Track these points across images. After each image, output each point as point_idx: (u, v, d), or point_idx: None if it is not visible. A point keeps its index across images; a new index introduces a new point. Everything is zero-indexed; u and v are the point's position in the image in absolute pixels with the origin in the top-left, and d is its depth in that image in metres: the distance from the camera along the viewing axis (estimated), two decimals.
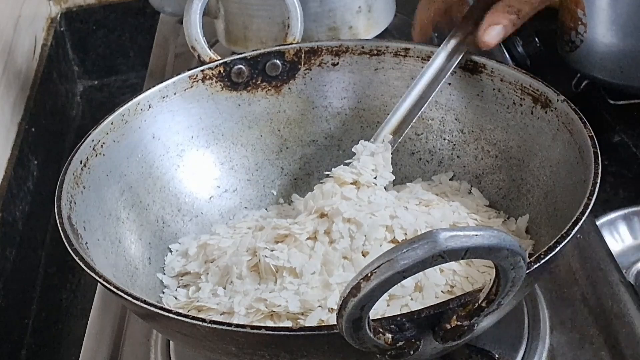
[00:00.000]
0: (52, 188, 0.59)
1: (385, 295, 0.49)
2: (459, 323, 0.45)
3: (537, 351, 0.61)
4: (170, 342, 0.65)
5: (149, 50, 1.16)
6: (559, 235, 0.50)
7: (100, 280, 0.51)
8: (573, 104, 0.61)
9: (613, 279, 0.66)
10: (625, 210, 0.86)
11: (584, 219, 0.51)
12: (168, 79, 0.71)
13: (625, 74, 0.96)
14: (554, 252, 0.49)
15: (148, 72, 1.10)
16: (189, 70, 0.72)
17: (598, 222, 0.81)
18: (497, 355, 0.59)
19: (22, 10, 1.16)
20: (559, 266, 0.68)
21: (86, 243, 0.57)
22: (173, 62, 1.10)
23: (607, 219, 0.85)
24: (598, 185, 0.53)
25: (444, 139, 0.71)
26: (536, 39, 1.04)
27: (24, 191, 0.98)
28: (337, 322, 0.42)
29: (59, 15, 1.31)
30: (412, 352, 0.45)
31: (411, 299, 0.55)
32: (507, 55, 1.01)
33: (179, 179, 0.71)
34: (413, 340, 0.45)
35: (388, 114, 0.71)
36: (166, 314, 0.48)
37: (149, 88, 0.70)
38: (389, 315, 0.47)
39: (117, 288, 0.51)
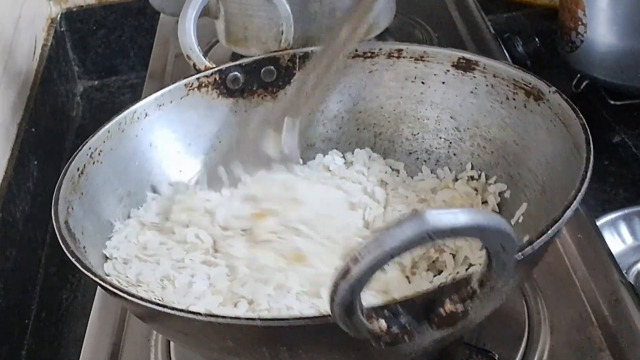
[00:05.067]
0: (52, 188, 0.59)
1: None
2: (452, 308, 0.45)
3: (537, 351, 0.61)
4: (171, 342, 0.66)
5: (149, 50, 1.16)
6: (551, 220, 0.50)
7: (98, 281, 0.51)
8: (574, 104, 0.61)
9: (613, 279, 0.67)
10: (626, 211, 0.86)
11: (575, 202, 0.51)
12: (165, 86, 0.71)
13: (625, 74, 0.96)
14: (546, 237, 0.48)
15: (148, 72, 1.10)
16: (184, 78, 0.72)
17: (598, 222, 0.81)
18: (497, 356, 0.59)
19: (22, 10, 1.16)
20: (559, 266, 0.68)
21: (84, 247, 0.57)
22: (173, 62, 1.10)
23: (608, 219, 0.85)
24: (590, 170, 0.53)
25: (440, 138, 0.72)
26: (536, 39, 1.04)
27: (24, 191, 0.98)
28: (330, 307, 0.42)
29: (59, 16, 1.31)
30: (406, 339, 0.45)
31: None
32: (507, 55, 1.01)
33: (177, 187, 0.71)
34: (407, 327, 0.45)
35: (385, 115, 0.72)
36: (163, 309, 0.48)
37: (149, 91, 0.71)
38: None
39: (115, 287, 0.51)
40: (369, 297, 0.54)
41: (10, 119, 1.01)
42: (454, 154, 0.71)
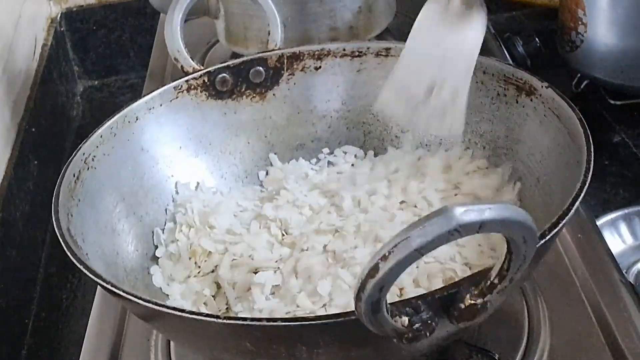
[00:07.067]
0: (52, 189, 0.59)
1: None
2: (472, 302, 0.45)
3: (537, 351, 0.61)
4: (171, 342, 0.65)
5: (149, 50, 1.16)
6: (560, 212, 0.50)
7: (107, 286, 0.51)
8: (574, 104, 0.61)
9: (613, 279, 0.67)
10: (626, 210, 0.86)
11: (582, 195, 0.51)
12: (156, 89, 0.71)
13: (625, 74, 0.96)
14: (557, 228, 0.49)
15: (148, 72, 1.10)
16: (173, 80, 0.72)
17: (598, 222, 0.81)
18: (497, 356, 0.59)
19: (22, 10, 1.16)
20: (559, 266, 0.68)
21: (86, 254, 0.57)
22: (173, 62, 1.09)
23: (608, 219, 0.84)
24: (592, 163, 0.54)
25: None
26: (536, 39, 1.04)
27: (24, 191, 0.98)
28: (355, 305, 0.42)
29: (59, 16, 1.31)
30: (427, 334, 0.45)
31: None
32: (507, 55, 1.01)
33: (170, 190, 0.71)
34: (429, 322, 0.45)
35: (374, 114, 0.73)
36: (178, 313, 0.48)
37: (149, 91, 0.71)
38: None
39: (117, 288, 0.50)
40: None
41: (10, 119, 1.01)
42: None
